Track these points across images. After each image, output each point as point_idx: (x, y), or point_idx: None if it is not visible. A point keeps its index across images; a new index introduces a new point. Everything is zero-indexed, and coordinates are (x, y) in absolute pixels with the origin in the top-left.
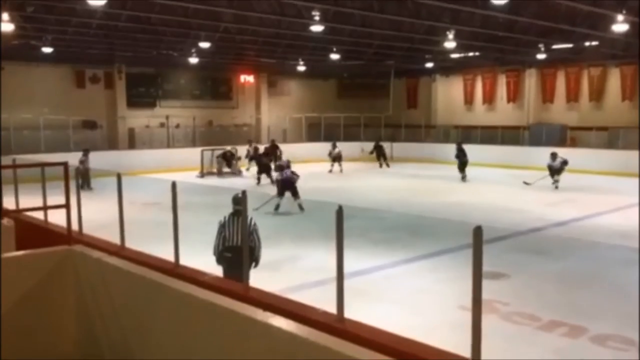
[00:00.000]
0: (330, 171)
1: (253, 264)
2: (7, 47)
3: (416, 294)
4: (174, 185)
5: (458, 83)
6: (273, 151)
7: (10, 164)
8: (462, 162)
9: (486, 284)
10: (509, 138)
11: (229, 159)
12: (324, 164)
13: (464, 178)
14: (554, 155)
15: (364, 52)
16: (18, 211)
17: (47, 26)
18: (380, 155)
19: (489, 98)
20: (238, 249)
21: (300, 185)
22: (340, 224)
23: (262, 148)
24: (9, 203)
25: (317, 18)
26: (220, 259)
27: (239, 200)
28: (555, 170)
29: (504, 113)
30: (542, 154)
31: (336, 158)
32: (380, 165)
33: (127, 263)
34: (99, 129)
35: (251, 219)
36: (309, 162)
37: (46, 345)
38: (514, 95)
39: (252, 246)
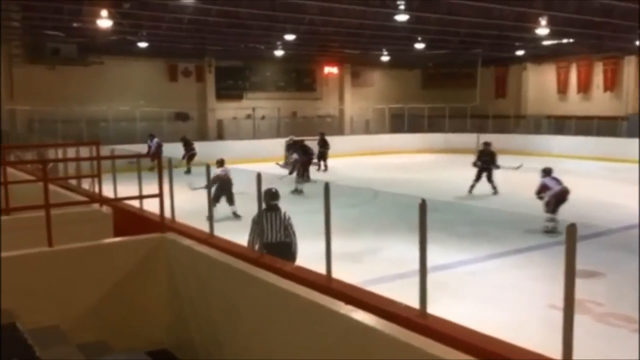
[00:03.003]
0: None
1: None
2: (106, 43)
3: (503, 290)
4: (259, 176)
5: (551, 71)
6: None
7: (109, 154)
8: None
9: (579, 283)
10: (606, 129)
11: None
12: (406, 155)
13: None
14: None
15: (450, 41)
16: (116, 200)
17: (142, 22)
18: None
19: (584, 87)
20: (274, 245)
21: (383, 176)
22: (424, 217)
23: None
24: (107, 191)
25: (402, 7)
26: None
27: (274, 196)
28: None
29: (600, 103)
30: None
31: None
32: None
33: (215, 251)
34: (190, 120)
35: (285, 213)
36: (391, 154)
37: (139, 327)
38: (612, 84)
39: (288, 242)
